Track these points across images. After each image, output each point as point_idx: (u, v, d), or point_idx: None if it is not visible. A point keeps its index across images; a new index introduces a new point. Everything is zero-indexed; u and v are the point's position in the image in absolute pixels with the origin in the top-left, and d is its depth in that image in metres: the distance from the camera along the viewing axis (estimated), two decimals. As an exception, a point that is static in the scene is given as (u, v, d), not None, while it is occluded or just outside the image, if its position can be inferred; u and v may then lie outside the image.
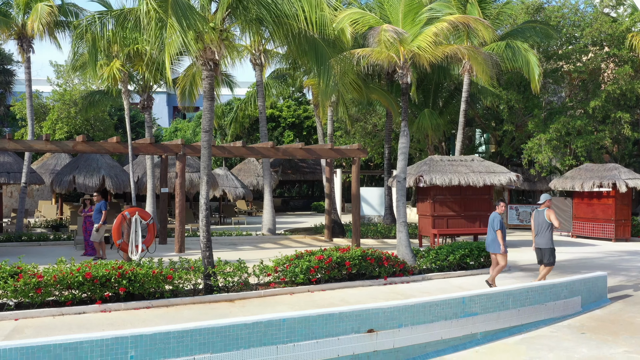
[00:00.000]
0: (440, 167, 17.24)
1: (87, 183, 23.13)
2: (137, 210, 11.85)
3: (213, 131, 19.12)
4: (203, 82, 10.29)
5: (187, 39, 8.88)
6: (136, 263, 9.83)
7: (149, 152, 16.99)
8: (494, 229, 11.09)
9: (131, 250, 11.55)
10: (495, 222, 11.08)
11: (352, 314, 7.57)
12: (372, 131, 31.65)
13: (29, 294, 8.67)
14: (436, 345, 8.20)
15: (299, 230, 23.06)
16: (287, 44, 11.30)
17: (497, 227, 11.02)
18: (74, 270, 8.99)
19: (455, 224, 17.30)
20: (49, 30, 18.97)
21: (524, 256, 15.91)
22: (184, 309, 9.24)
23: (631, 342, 8.34)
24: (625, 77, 21.95)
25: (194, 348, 6.55)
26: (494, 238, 11.13)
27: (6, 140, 15.36)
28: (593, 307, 10.28)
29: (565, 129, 22.14)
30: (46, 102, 33.25)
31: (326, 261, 10.96)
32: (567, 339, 8.56)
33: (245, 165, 35.07)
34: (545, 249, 11.09)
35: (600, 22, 22.64)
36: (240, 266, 10.38)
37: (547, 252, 11.09)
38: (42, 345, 5.91)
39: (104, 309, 9.01)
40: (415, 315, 8.05)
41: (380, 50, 13.02)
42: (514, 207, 25.90)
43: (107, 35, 12.02)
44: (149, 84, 19.60)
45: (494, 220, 11.12)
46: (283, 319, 7.09)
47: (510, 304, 9.04)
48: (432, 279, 12.25)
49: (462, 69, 20.07)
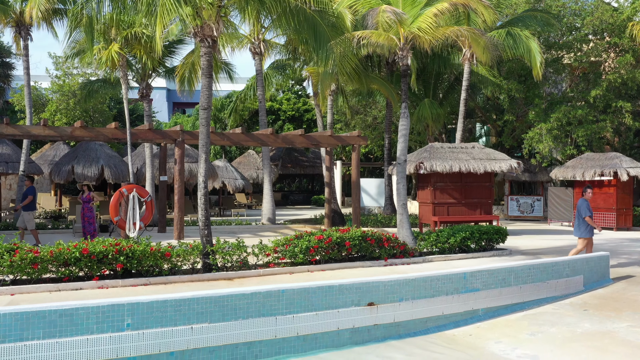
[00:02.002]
0: (440, 154, 17.13)
1: (86, 173, 23.04)
2: (134, 187, 11.72)
3: (212, 123, 19.07)
4: (201, 59, 10.17)
5: (181, 10, 8.74)
6: (134, 240, 9.73)
7: (147, 138, 16.87)
8: (582, 215, 11.25)
9: (129, 227, 11.44)
10: (583, 208, 11.26)
11: (352, 287, 7.47)
12: (372, 123, 31.56)
13: (25, 269, 8.58)
14: (437, 320, 8.12)
15: (298, 221, 22.95)
16: (287, 23, 11.16)
17: (587, 214, 11.18)
18: (71, 247, 8.89)
19: (456, 212, 17.18)
20: (47, 17, 18.86)
21: (525, 242, 15.98)
22: (182, 287, 9.15)
23: (634, 318, 8.25)
24: (626, 66, 21.85)
25: (191, 317, 6.46)
26: (579, 223, 11.33)
27: (4, 125, 15.24)
28: (595, 286, 10.19)
29: (566, 118, 22.03)
30: (45, 94, 33.13)
31: (326, 241, 10.86)
32: (569, 315, 8.46)
33: (245, 159, 34.98)
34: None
35: (601, 11, 22.53)
36: (239, 245, 10.29)
37: None
38: (37, 311, 5.82)
39: (101, 285, 8.91)
40: (416, 289, 7.96)
41: (380, 32, 12.90)
42: (514, 199, 25.80)
43: (104, 17, 11.91)
44: (147, 71, 19.50)
45: (582, 206, 11.32)
46: (282, 290, 7.00)
47: (512, 280, 8.96)
48: (433, 261, 12.16)
49: (462, 57, 19.95)
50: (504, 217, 25.69)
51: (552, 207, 22.76)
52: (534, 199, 25.49)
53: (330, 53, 12.28)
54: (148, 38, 16.47)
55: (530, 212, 25.36)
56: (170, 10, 8.93)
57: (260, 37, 21.63)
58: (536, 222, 23.98)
